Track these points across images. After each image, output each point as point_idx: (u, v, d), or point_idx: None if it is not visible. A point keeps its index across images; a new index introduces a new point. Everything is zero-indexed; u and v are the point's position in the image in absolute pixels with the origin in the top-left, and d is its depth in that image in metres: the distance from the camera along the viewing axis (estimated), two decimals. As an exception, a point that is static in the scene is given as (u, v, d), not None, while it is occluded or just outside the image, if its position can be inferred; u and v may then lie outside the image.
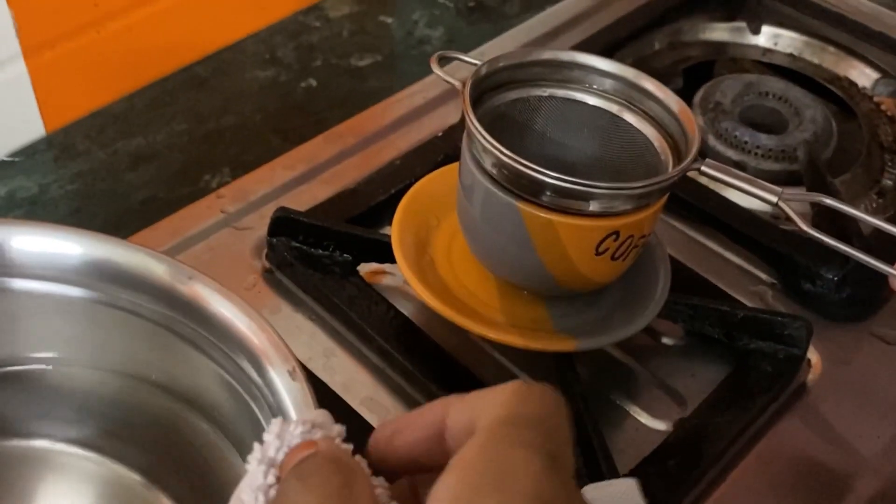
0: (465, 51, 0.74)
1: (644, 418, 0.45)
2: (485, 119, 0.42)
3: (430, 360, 0.45)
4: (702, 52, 0.69)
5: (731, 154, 0.59)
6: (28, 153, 0.62)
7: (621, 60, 0.65)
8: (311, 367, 0.46)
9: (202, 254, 0.52)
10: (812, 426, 0.46)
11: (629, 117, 0.43)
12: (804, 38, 0.69)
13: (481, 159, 0.40)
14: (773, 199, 0.40)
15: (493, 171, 0.39)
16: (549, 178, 0.37)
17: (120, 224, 0.58)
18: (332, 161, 0.58)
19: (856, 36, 0.68)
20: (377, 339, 0.46)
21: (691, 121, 0.40)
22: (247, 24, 0.74)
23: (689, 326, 0.48)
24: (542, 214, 0.38)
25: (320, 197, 0.55)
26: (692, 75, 0.65)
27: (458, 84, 0.41)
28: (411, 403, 0.45)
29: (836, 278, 0.49)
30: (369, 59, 0.74)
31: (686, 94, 0.63)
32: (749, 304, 0.50)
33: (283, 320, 0.48)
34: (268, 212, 0.53)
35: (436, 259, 0.46)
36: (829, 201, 0.42)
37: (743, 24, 0.70)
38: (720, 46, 0.70)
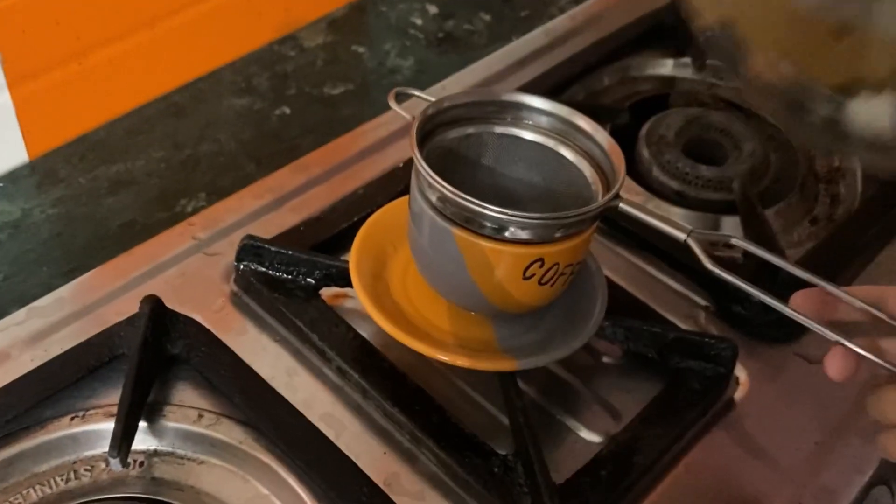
0: (435, 80, 0.78)
1: (582, 432, 0.49)
2: (434, 153, 0.46)
3: (386, 379, 0.49)
4: (651, 87, 0.73)
5: (674, 184, 0.63)
6: (11, 179, 0.65)
7: (574, 95, 0.70)
8: (274, 384, 0.49)
9: (174, 278, 0.55)
10: (738, 440, 0.50)
11: (566, 152, 0.47)
12: (747, 73, 0.73)
13: (424, 189, 0.44)
14: (682, 237, 0.44)
15: (434, 201, 0.43)
16: (474, 205, 0.41)
17: (99, 247, 0.61)
18: (299, 190, 0.61)
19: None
20: (336, 359, 0.50)
21: (619, 157, 0.44)
22: (223, 53, 0.77)
23: (626, 346, 0.51)
24: (473, 239, 0.42)
25: (287, 224, 0.58)
26: (644, 110, 0.69)
27: (408, 116, 0.45)
28: (367, 420, 0.49)
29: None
30: (342, 87, 0.77)
31: (634, 128, 0.67)
32: (683, 326, 0.54)
33: (249, 341, 0.52)
34: (237, 238, 0.56)
35: (391, 284, 0.50)
36: (735, 241, 0.45)
37: (689, 61, 0.74)
38: (669, 81, 0.74)
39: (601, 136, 0.46)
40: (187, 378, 0.49)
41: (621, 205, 0.44)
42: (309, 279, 0.53)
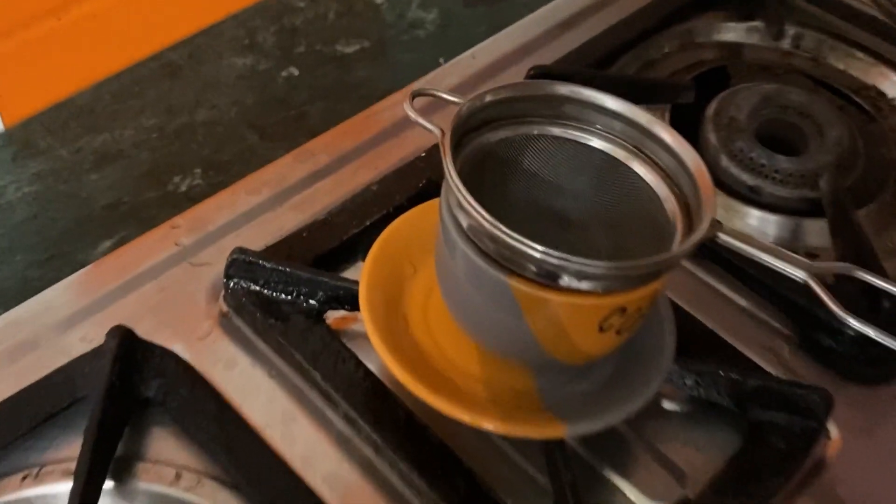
0: (463, 37, 0.69)
1: (640, 501, 0.40)
2: (466, 165, 0.36)
3: (403, 431, 0.40)
4: (716, 55, 0.63)
5: (746, 178, 0.53)
6: None
7: (626, 67, 0.60)
8: (268, 434, 0.41)
9: (152, 295, 0.46)
10: (830, 511, 0.41)
11: (638, 167, 0.37)
12: (829, 40, 0.63)
13: (465, 226, 0.34)
14: (802, 275, 0.35)
15: (480, 242, 0.33)
16: (550, 256, 0.32)
17: (80, 232, 0.54)
18: (301, 184, 0.52)
19: (888, 40, 0.61)
20: (343, 403, 0.41)
21: (708, 185, 0.35)
22: (225, 3, 0.68)
23: (695, 393, 0.42)
24: (538, 293, 0.33)
25: (287, 228, 0.49)
26: (706, 84, 0.59)
27: (436, 131, 0.35)
28: (381, 483, 0.40)
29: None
30: (356, 45, 0.69)
31: (697, 106, 0.57)
32: (762, 362, 0.45)
33: (240, 378, 0.43)
34: (228, 244, 0.48)
35: (409, 316, 0.41)
36: (860, 273, 0.37)
37: (761, 25, 0.63)
38: (736, 49, 0.63)
39: (688, 153, 0.36)
40: (164, 426, 0.41)
41: (720, 236, 0.34)
42: (311, 301, 0.44)
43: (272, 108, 0.65)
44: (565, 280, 0.32)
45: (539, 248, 0.31)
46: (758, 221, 0.52)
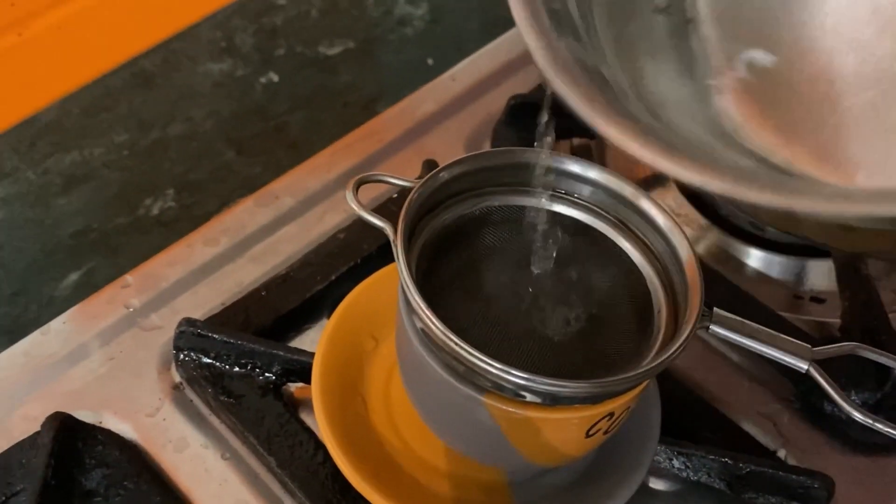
0: (453, 33, 0.65)
1: None
2: (425, 252, 0.32)
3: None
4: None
5: (746, 215, 0.49)
6: None
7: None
8: (219, 529, 0.38)
9: (99, 366, 0.43)
10: None
11: (623, 244, 0.33)
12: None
13: (426, 339, 0.30)
14: (803, 367, 0.31)
15: (445, 358, 0.30)
16: (532, 382, 0.28)
17: (47, 264, 0.52)
18: (262, 232, 0.48)
19: None
20: (299, 494, 0.38)
21: (695, 274, 0.31)
22: (202, 4, 0.64)
23: (684, 475, 0.39)
24: (516, 411, 0.29)
25: (246, 282, 0.46)
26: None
27: (387, 229, 0.31)
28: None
29: (869, 403, 0.40)
30: (340, 45, 0.66)
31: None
32: (758, 432, 0.41)
33: (190, 461, 0.40)
34: (181, 305, 0.44)
35: (368, 400, 0.37)
36: (865, 353, 0.33)
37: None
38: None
39: (672, 230, 0.32)
40: (108, 520, 0.38)
41: (712, 327, 0.30)
42: (267, 374, 0.41)
43: (250, 119, 0.62)
44: (545, 399, 0.29)
45: (518, 373, 0.28)
46: (759, 262, 0.48)
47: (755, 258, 0.48)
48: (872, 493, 0.40)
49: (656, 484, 0.40)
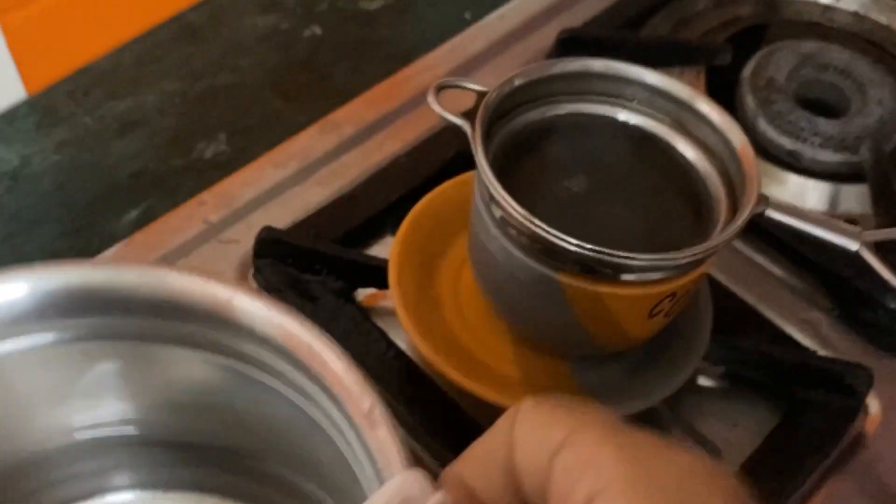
0: None
1: (676, 480, 0.40)
2: (499, 154, 0.35)
3: (435, 412, 0.40)
4: (751, 11, 0.60)
5: (785, 141, 0.52)
6: (8, 119, 0.56)
7: (658, 26, 0.58)
8: (301, 415, 0.41)
9: (181, 275, 0.46)
10: (869, 488, 0.40)
11: (680, 145, 0.36)
12: (871, -9, 0.60)
13: (504, 225, 0.33)
14: (853, 246, 0.33)
15: (523, 240, 0.33)
16: (602, 254, 0.31)
17: (107, 203, 0.54)
18: (327, 157, 0.51)
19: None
20: (376, 386, 0.41)
21: (752, 161, 0.33)
22: None
23: (730, 370, 0.42)
24: (587, 286, 0.32)
25: (314, 203, 0.48)
26: (739, 41, 0.57)
27: (465, 126, 0.34)
28: (413, 463, 0.40)
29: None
30: (380, 1, 0.66)
31: (733, 67, 0.55)
32: (800, 336, 0.44)
33: (271, 358, 0.43)
34: (256, 220, 0.47)
35: (440, 297, 0.40)
36: None
37: (800, -23, 0.61)
38: (772, 4, 0.61)
39: (728, 126, 0.35)
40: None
41: (768, 211, 0.33)
42: (341, 280, 0.44)
43: (296, 70, 0.63)
44: (614, 273, 0.31)
45: (591, 247, 0.31)
46: (796, 187, 0.51)
47: (792, 183, 0.51)
48: (909, 392, 0.43)
49: (705, 382, 0.43)
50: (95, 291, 0.29)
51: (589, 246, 0.31)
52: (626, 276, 0.32)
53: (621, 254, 0.31)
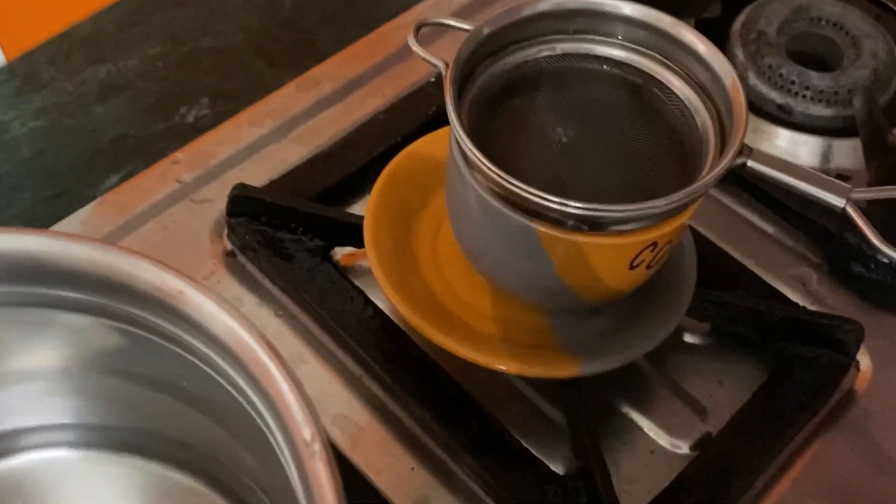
0: None
1: (660, 438, 0.39)
2: (482, 96, 0.34)
3: (414, 370, 0.39)
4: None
5: (775, 96, 0.50)
6: None
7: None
8: (277, 376, 0.40)
9: (154, 234, 0.45)
10: (860, 445, 0.39)
11: (672, 80, 0.34)
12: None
13: (479, 178, 0.32)
14: (839, 203, 0.32)
15: (499, 191, 0.31)
16: (578, 209, 0.30)
17: (88, 168, 0.53)
18: (305, 114, 0.49)
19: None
20: (351, 343, 0.40)
21: (741, 101, 0.32)
22: None
23: (717, 325, 0.40)
24: (566, 236, 0.31)
25: (291, 160, 0.47)
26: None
27: (439, 65, 0.33)
28: (391, 421, 0.39)
29: (893, 263, 0.42)
30: None
31: (723, 19, 0.54)
32: (788, 291, 0.43)
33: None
34: (230, 179, 0.46)
35: (418, 253, 0.39)
36: None
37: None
38: (765, -45, 0.59)
39: (715, 58, 0.33)
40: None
41: (749, 163, 0.32)
42: (317, 238, 0.43)
43: (280, 32, 0.62)
44: (595, 226, 0.30)
45: (567, 202, 0.29)
46: (787, 142, 0.50)
47: (782, 138, 0.50)
48: (898, 347, 0.42)
49: (691, 338, 0.42)
50: (44, 262, 0.28)
51: (566, 202, 0.30)
52: (608, 227, 0.31)
53: (594, 206, 0.30)
